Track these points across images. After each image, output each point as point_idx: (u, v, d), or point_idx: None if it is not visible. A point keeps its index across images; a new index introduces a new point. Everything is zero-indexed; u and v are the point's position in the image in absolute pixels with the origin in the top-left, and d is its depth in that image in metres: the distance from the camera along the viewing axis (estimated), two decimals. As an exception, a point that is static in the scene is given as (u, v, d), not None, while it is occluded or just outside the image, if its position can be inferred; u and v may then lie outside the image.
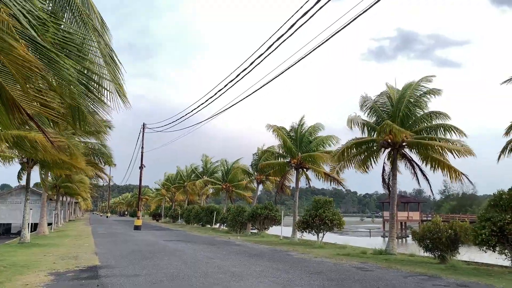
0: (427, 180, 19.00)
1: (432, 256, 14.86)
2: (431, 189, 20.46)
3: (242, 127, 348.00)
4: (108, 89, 6.87)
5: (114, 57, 7.12)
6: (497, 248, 12.13)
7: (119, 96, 7.03)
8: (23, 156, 21.47)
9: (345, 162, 19.79)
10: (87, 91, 6.68)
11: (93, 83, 6.75)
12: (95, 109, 7.22)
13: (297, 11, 11.29)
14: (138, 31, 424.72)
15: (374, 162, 19.69)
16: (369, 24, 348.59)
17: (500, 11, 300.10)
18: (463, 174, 17.81)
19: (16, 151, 19.10)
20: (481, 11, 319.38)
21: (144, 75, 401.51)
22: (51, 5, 7.11)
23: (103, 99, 6.87)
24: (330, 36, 11.71)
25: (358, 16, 10.61)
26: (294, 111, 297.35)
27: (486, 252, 12.60)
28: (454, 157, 17.36)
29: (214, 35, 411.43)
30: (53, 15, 6.13)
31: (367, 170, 19.86)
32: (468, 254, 14.96)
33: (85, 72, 6.55)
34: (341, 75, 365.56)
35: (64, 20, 7.00)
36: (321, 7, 10.68)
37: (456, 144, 17.31)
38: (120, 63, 7.11)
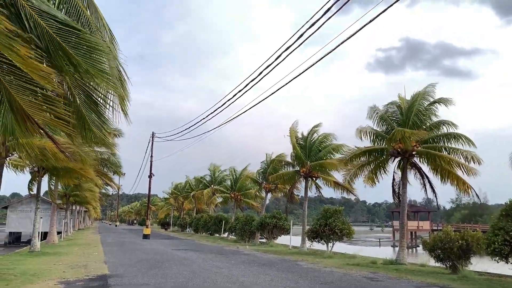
0: (434, 192, 18.88)
1: (444, 266, 14.68)
2: (437, 202, 20.38)
3: (251, 134, 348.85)
4: (112, 101, 6.91)
5: (121, 70, 7.20)
6: (510, 259, 11.93)
7: (123, 109, 7.08)
8: (33, 165, 21.69)
9: (356, 171, 19.67)
10: (92, 103, 6.75)
11: (98, 94, 6.81)
12: (101, 121, 7.25)
13: (304, 24, 11.47)
14: (147, 41, 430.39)
15: (384, 172, 19.51)
16: (376, 36, 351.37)
17: (505, 21, 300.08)
18: (472, 188, 17.62)
19: (28, 160, 19.30)
20: (486, 22, 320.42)
21: (152, 83, 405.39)
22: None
23: (107, 111, 6.93)
24: (336, 46, 11.79)
25: (364, 26, 10.66)
26: (302, 118, 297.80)
27: (498, 262, 12.40)
28: (462, 172, 17.27)
29: (223, 43, 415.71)
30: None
31: (375, 181, 19.57)
32: (480, 264, 14.75)
33: (92, 84, 6.63)
34: (350, 85, 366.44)
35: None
36: (329, 18, 10.85)
37: (466, 155, 17.15)
38: (127, 77, 7.21)
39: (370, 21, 10.47)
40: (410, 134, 16.57)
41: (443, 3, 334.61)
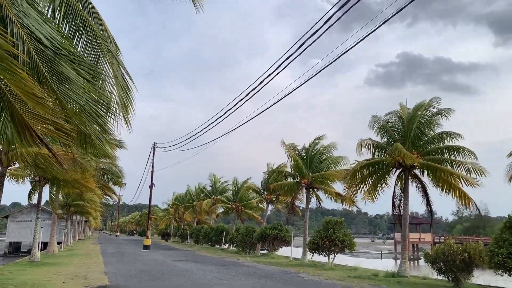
0: (430, 207, 18.81)
1: (446, 279, 14.56)
2: (431, 217, 20.29)
3: (253, 145, 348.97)
4: (117, 113, 6.89)
5: (128, 79, 7.21)
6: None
7: (127, 121, 7.06)
8: (35, 174, 21.68)
9: (358, 185, 19.52)
10: (96, 115, 6.72)
11: (102, 106, 6.78)
12: (104, 133, 7.20)
13: (305, 33, 11.53)
14: (151, 53, 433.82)
15: (385, 185, 19.39)
16: (375, 52, 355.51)
17: (502, 39, 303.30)
18: (472, 201, 17.46)
19: (29, 170, 19.31)
20: (484, 40, 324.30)
21: (157, 96, 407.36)
22: (67, 27, 7.27)
23: (111, 123, 6.88)
24: (337, 57, 11.87)
25: (363, 39, 10.75)
26: (303, 131, 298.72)
27: (502, 276, 12.29)
28: (462, 185, 17.15)
29: (224, 56, 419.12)
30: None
31: (376, 195, 19.42)
32: (483, 277, 14.62)
33: (96, 95, 6.61)
34: (350, 98, 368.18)
35: (80, 42, 7.15)
36: (329, 27, 10.95)
37: (468, 167, 17.06)
38: (134, 85, 7.22)
39: (369, 33, 10.57)
40: (405, 155, 16.59)
41: (442, 23, 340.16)
